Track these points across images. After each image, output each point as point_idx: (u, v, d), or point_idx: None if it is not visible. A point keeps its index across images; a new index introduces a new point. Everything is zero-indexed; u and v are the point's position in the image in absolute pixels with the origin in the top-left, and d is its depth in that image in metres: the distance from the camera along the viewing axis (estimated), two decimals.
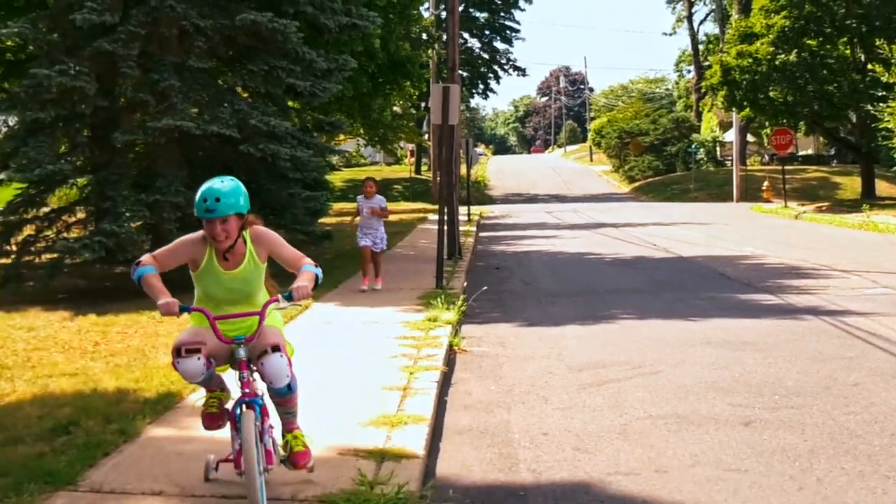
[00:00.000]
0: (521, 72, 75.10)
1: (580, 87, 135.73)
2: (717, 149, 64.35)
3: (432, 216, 31.43)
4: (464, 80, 56.59)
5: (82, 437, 6.40)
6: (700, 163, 60.01)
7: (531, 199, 53.72)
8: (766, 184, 43.31)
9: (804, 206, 37.45)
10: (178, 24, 15.13)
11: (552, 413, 7.43)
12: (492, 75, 66.89)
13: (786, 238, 24.34)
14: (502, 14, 65.85)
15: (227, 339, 5.04)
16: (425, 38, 32.45)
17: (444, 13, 41.74)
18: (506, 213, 40.76)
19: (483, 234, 28.34)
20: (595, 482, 5.78)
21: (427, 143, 53.40)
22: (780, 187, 39.65)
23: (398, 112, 40.04)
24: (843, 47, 36.29)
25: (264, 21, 15.00)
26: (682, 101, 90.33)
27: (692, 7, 76.16)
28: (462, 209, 27.74)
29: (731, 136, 52.74)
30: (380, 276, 14.63)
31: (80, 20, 13.94)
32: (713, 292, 14.31)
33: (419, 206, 43.37)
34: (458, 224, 20.75)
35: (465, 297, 13.46)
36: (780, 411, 7.24)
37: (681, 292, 14.41)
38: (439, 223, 15.61)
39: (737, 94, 37.54)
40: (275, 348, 5.02)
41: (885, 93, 29.43)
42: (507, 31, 66.59)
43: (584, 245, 23.49)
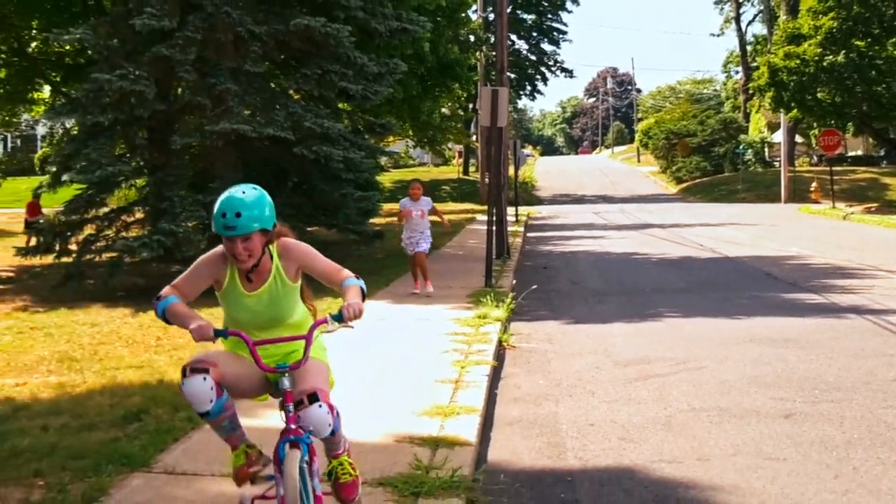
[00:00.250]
0: (569, 73, 74.96)
1: (627, 89, 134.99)
2: (766, 150, 63.71)
3: (480, 216, 31.54)
4: (511, 82, 56.84)
5: (153, 423, 6.71)
6: (748, 164, 59.48)
7: (578, 200, 53.53)
8: (815, 185, 42.95)
9: (852, 206, 37.12)
10: (233, 30, 15.50)
11: (599, 405, 7.63)
12: (539, 77, 66.93)
13: (833, 239, 24.22)
14: (549, 16, 65.89)
15: (268, 367, 4.37)
16: (473, 40, 32.60)
17: (491, 15, 42.10)
18: (553, 213, 40.77)
19: (531, 235, 28.45)
20: (639, 469, 6.00)
21: (475, 144, 53.66)
22: (828, 188, 39.34)
23: (446, 114, 40.34)
24: (892, 48, 35.88)
25: (317, 26, 15.33)
26: (729, 102, 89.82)
27: (740, 8, 75.59)
28: (510, 209, 27.81)
29: (779, 136, 52.27)
30: (428, 279, 14.02)
31: (139, 25, 14.37)
32: (758, 292, 14.38)
33: (467, 206, 43.53)
34: (507, 224, 20.86)
35: (514, 295, 13.55)
36: (819, 405, 7.41)
37: (726, 291, 14.50)
38: (488, 223, 15.70)
39: (784, 95, 37.23)
40: (312, 398, 4.31)
41: None
42: (555, 33, 66.66)
43: (630, 245, 23.56)
